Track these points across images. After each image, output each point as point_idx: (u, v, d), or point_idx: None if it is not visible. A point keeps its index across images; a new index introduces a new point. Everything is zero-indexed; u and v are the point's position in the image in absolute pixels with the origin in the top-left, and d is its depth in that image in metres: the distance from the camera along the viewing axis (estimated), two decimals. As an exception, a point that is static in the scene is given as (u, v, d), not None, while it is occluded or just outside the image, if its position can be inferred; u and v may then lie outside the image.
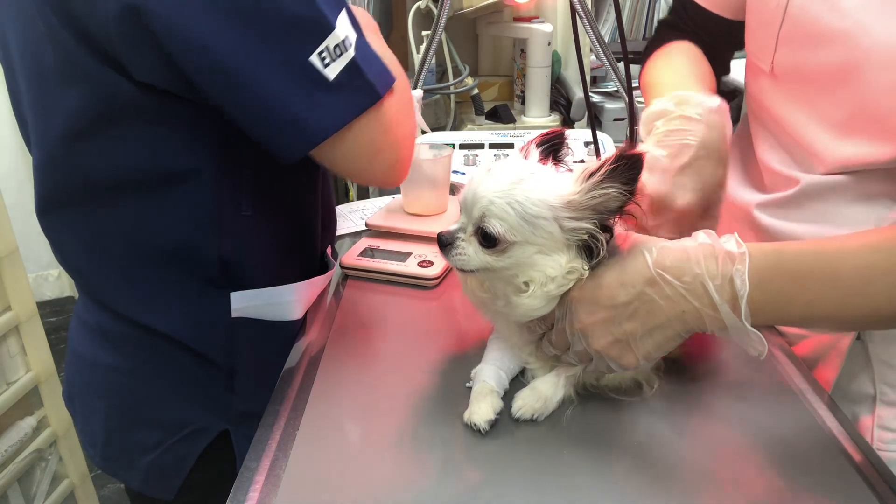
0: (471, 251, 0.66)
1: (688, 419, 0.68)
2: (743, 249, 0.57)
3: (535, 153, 0.68)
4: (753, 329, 0.57)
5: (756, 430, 0.66)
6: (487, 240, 0.64)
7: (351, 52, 0.66)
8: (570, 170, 0.68)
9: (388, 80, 0.70)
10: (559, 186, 0.64)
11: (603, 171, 0.61)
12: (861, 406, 0.76)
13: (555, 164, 0.68)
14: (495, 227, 0.63)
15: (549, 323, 0.67)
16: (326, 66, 0.65)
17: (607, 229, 0.63)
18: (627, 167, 0.60)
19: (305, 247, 0.90)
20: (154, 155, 0.73)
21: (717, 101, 0.75)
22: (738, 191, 0.88)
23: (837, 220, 0.75)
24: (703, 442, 0.65)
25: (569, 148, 0.70)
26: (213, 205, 0.76)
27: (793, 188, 0.79)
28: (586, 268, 0.63)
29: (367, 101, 0.68)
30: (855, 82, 0.69)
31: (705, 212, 0.74)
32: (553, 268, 0.64)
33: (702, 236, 0.60)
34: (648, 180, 0.72)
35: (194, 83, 0.66)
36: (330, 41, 0.65)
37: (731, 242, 0.58)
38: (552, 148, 0.69)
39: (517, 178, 0.64)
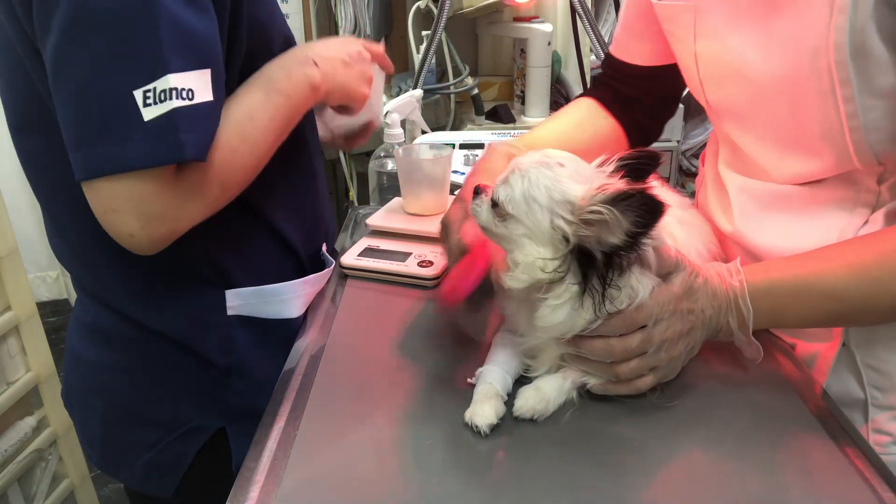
0: (484, 206, 0.69)
1: (687, 420, 0.68)
2: (741, 277, 0.68)
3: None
4: (755, 341, 0.69)
5: (755, 430, 0.66)
6: (494, 201, 0.68)
7: (175, 104, 0.63)
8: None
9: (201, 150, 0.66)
10: (575, 188, 0.63)
11: (611, 191, 0.59)
12: (854, 411, 0.76)
13: (632, 183, 0.62)
14: (500, 192, 0.66)
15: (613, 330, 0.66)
16: (146, 106, 0.63)
17: (588, 255, 0.62)
18: (642, 206, 0.58)
19: (292, 245, 0.89)
20: None
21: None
22: (715, 211, 0.88)
23: (803, 230, 0.76)
24: (703, 442, 0.65)
25: (659, 175, 0.68)
26: None
27: (755, 202, 0.81)
28: (549, 271, 0.63)
29: (164, 157, 0.64)
30: (765, 112, 0.74)
31: None
32: (533, 256, 0.64)
33: (718, 266, 0.70)
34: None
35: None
36: (160, 84, 0.63)
37: (733, 272, 0.69)
38: (638, 167, 0.65)
39: (545, 161, 0.65)
